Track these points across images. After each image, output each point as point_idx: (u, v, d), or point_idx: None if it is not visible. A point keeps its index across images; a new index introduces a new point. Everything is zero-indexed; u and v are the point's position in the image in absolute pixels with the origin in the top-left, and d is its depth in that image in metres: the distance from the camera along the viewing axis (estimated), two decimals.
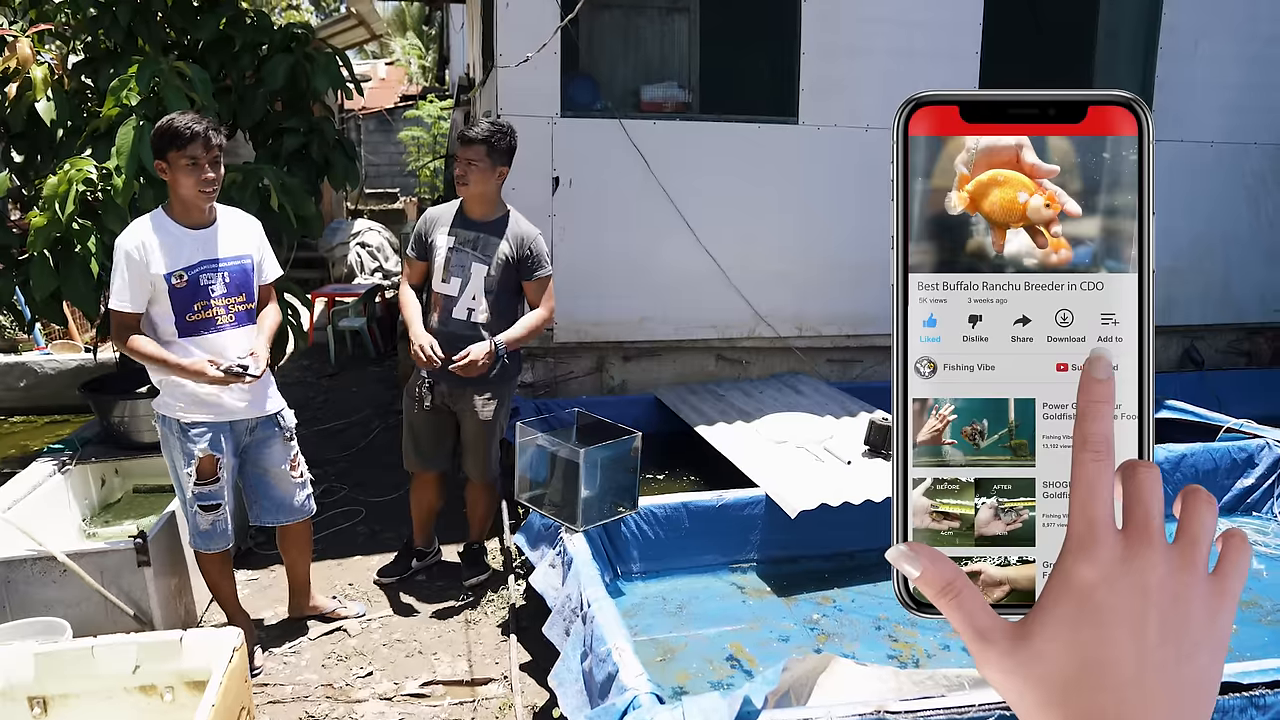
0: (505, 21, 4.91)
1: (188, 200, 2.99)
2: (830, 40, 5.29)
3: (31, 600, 3.14)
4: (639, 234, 5.20)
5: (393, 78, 20.19)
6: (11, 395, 6.07)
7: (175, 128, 2.90)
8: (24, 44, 4.09)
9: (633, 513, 3.57)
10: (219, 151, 2.99)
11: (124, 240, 2.97)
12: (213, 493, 3.12)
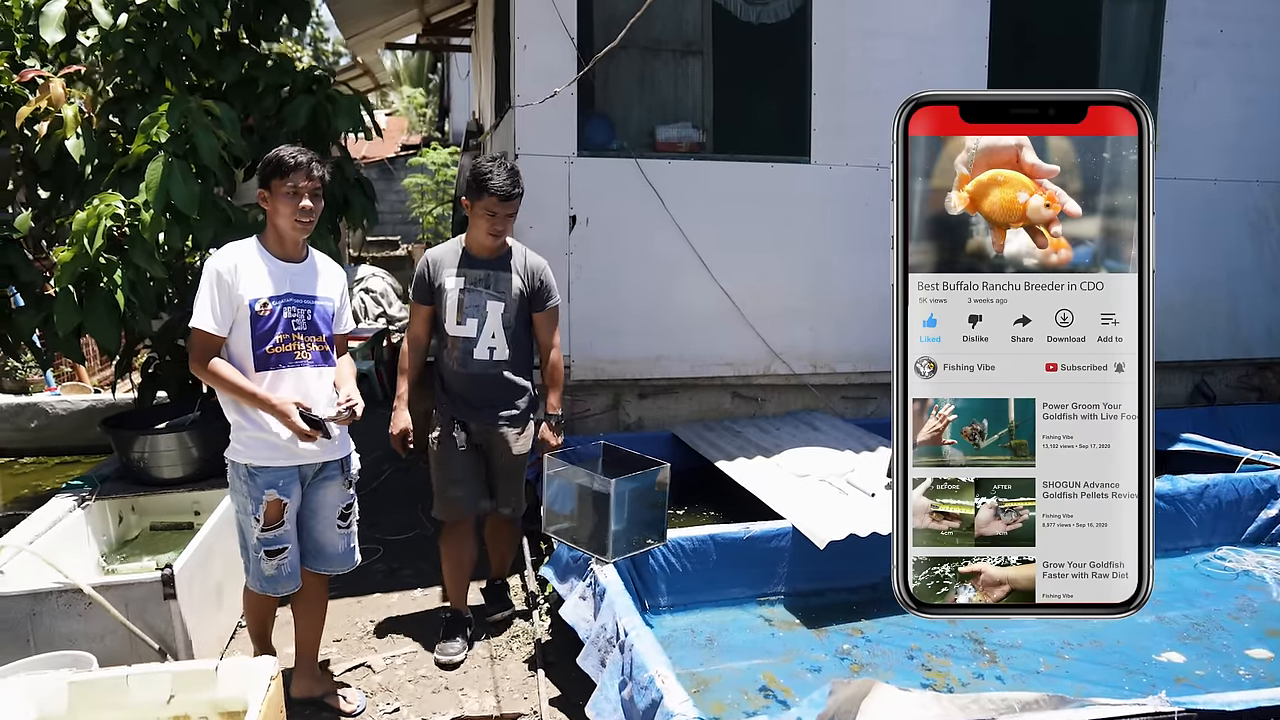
0: (523, 63, 4.99)
1: (283, 231, 2.94)
2: (840, 82, 5.39)
3: (56, 634, 3.09)
4: (655, 272, 5.23)
5: (393, 128, 20.46)
6: (22, 436, 6.03)
7: (280, 157, 2.89)
8: (56, 84, 4.14)
9: (661, 545, 3.55)
10: (320, 184, 2.95)
11: (216, 260, 2.90)
12: (278, 538, 2.99)
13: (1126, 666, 3.36)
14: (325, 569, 3.22)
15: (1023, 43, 5.77)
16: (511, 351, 3.56)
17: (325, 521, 3.16)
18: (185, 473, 4.18)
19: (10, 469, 5.97)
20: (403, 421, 3.55)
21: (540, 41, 4.98)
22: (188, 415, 4.24)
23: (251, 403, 2.89)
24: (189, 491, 4.16)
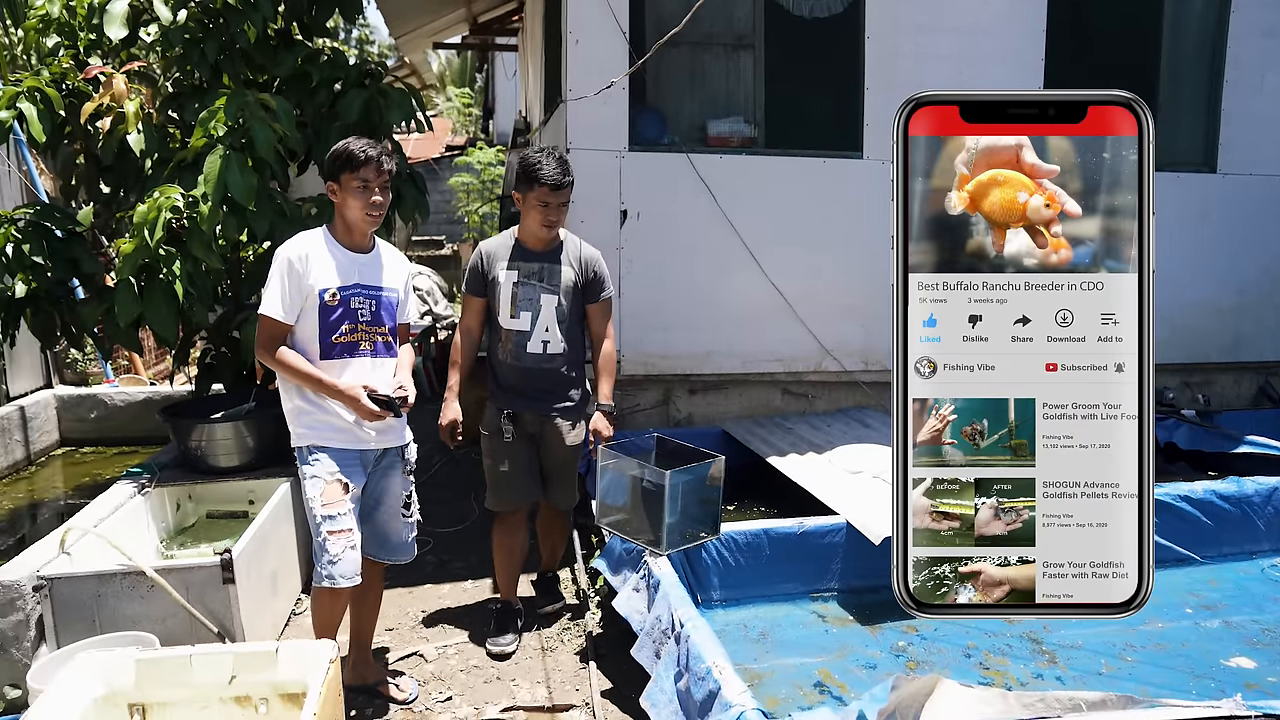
0: (575, 58, 4.99)
1: (353, 223, 2.95)
2: (893, 77, 5.32)
3: (120, 615, 3.15)
4: (705, 267, 5.20)
5: (438, 128, 20.63)
6: (83, 426, 6.16)
7: (350, 150, 2.89)
8: (119, 80, 4.22)
9: (715, 538, 3.52)
10: (389, 177, 2.95)
11: (287, 249, 2.90)
12: (343, 514, 2.92)
13: (1193, 670, 3.27)
14: (388, 558, 3.23)
15: (1080, 36, 5.66)
16: (565, 344, 3.55)
17: (390, 510, 3.17)
18: (240, 461, 4.23)
19: (71, 458, 6.09)
20: (453, 413, 3.55)
21: (592, 37, 4.98)
22: (243, 406, 4.29)
23: (319, 389, 2.90)
24: (244, 480, 4.21)
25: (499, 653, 3.58)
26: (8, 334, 4.36)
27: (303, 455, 2.96)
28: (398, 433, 3.12)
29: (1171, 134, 5.88)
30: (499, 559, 3.75)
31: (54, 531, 3.42)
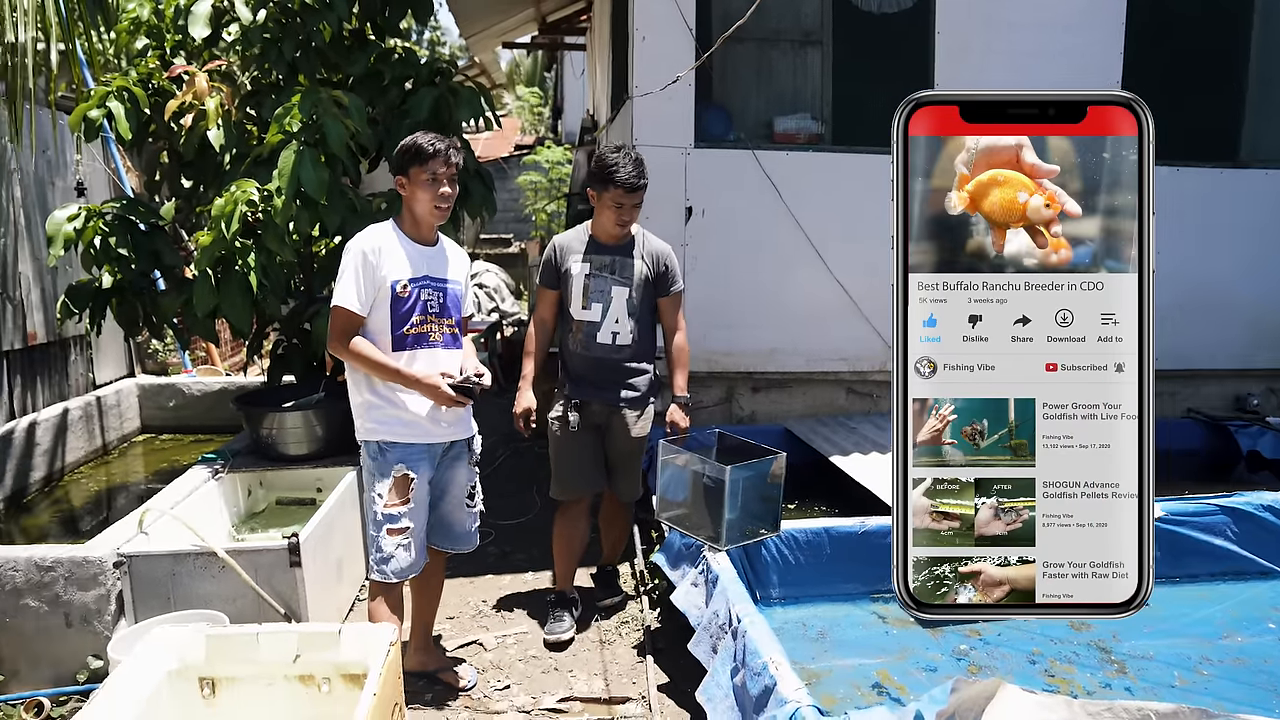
0: (641, 54, 5.00)
1: (421, 216, 2.99)
2: (964, 73, 5.21)
3: (193, 593, 3.25)
4: (770, 264, 5.17)
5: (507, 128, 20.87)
6: (162, 414, 6.37)
7: (419, 144, 2.92)
8: (201, 79, 4.36)
9: (775, 535, 3.49)
10: (456, 170, 2.99)
11: (360, 241, 2.94)
12: (400, 514, 2.95)
13: (1277, 689, 3.14)
14: (451, 547, 3.28)
15: (1163, 26, 5.46)
16: (634, 336, 3.60)
17: (455, 500, 3.21)
18: (309, 450, 4.34)
19: (151, 444, 6.31)
20: (527, 401, 3.59)
21: (659, 33, 4.98)
22: (313, 396, 4.40)
23: (395, 379, 2.93)
24: (312, 468, 4.31)
25: (554, 641, 3.62)
26: (94, 323, 4.54)
27: (370, 449, 3.01)
28: (465, 425, 3.17)
29: (1262, 125, 5.65)
30: (558, 547, 3.79)
31: (134, 512, 3.55)
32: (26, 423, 5.18)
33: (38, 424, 5.25)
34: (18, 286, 5.33)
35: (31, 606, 3.20)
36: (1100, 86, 5.20)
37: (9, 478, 4.96)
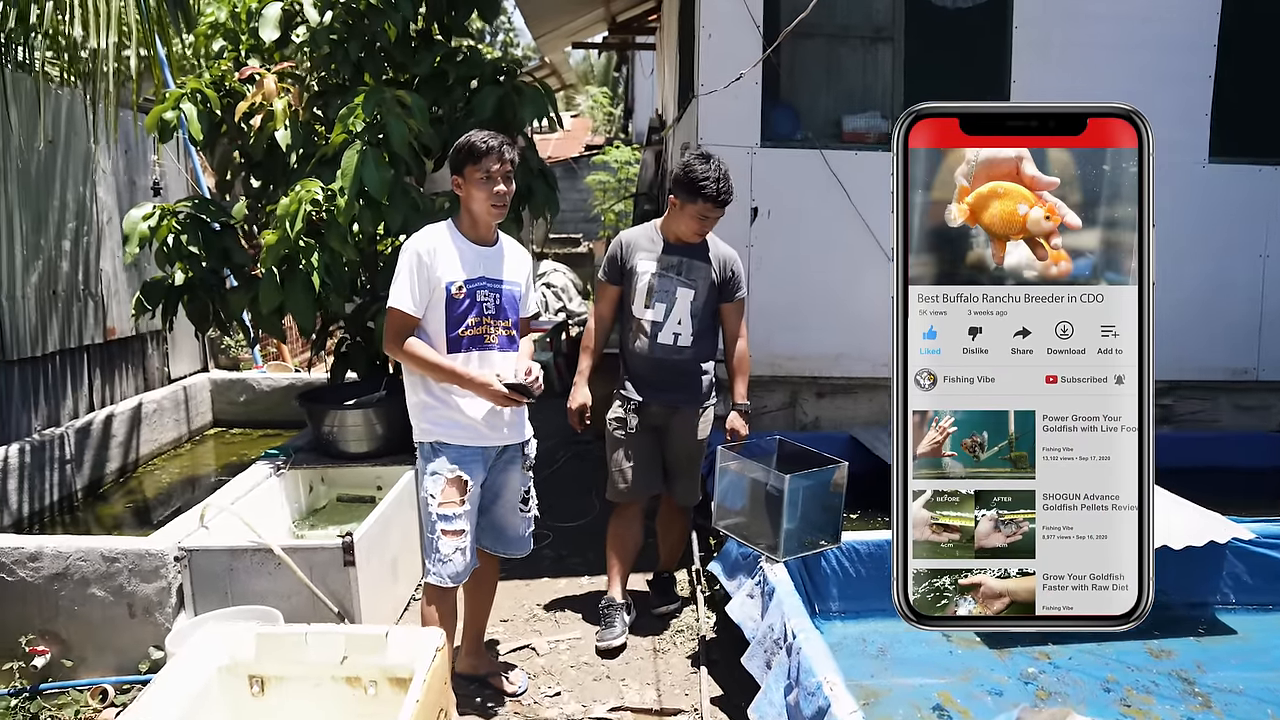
0: (707, 52, 4.93)
1: (478, 215, 2.96)
2: (1043, 68, 5.02)
3: (249, 589, 3.28)
4: (837, 267, 5.04)
5: (578, 128, 20.97)
6: (233, 409, 6.52)
7: (472, 142, 2.89)
8: (269, 80, 4.42)
9: (835, 546, 3.39)
10: (511, 167, 2.95)
11: (415, 242, 2.92)
12: (456, 515, 2.91)
13: None
14: (503, 551, 3.25)
15: (1260, 16, 5.17)
16: (695, 338, 3.56)
17: (508, 505, 3.17)
18: (370, 448, 4.36)
19: (222, 438, 6.46)
20: (582, 397, 3.57)
21: (725, 30, 4.90)
22: (374, 394, 4.42)
23: (449, 379, 2.91)
24: (373, 466, 4.34)
25: (606, 648, 3.57)
26: (167, 319, 4.63)
27: (425, 451, 2.99)
28: (519, 428, 3.13)
29: None
30: (612, 551, 3.76)
31: (195, 507, 3.61)
32: (104, 415, 5.34)
33: (114, 416, 5.40)
34: (99, 282, 5.49)
35: (98, 596, 3.27)
36: (1191, 78, 4.98)
37: (87, 468, 5.11)
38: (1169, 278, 5.13)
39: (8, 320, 4.69)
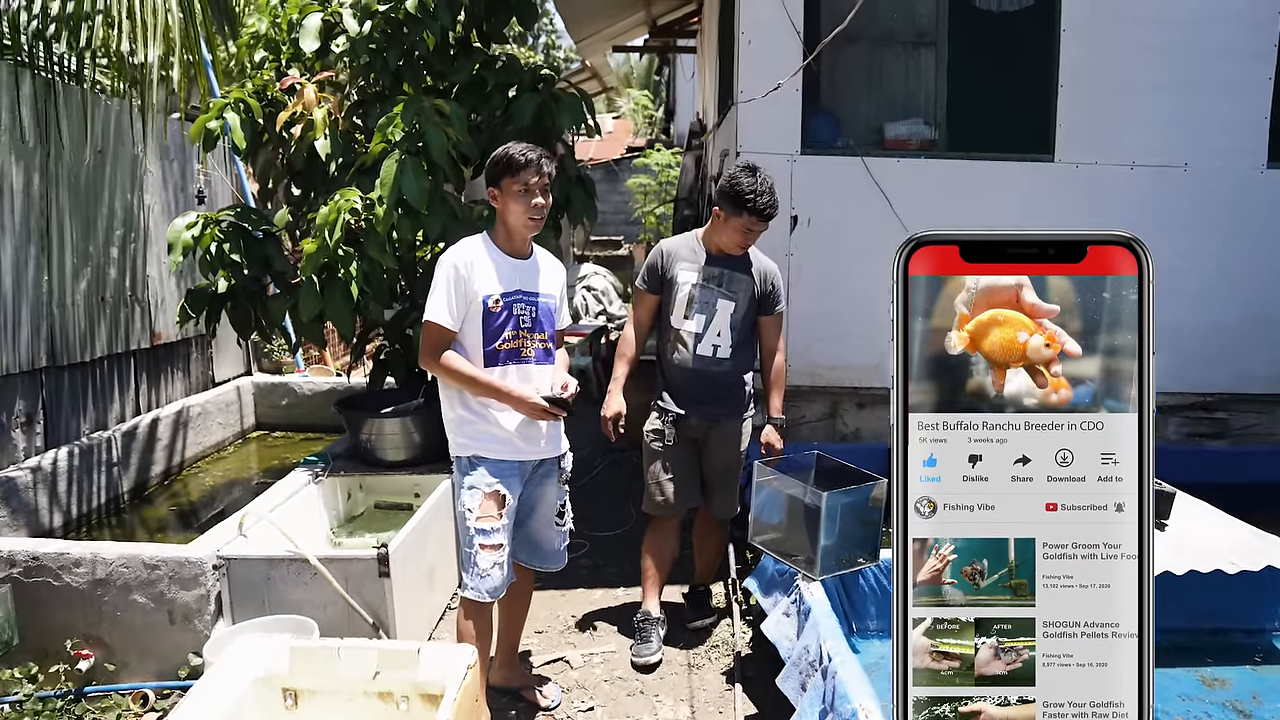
0: (747, 59, 4.88)
1: (514, 228, 2.94)
2: (1092, 72, 4.90)
3: (286, 598, 3.31)
4: (879, 275, 4.89)
5: (620, 131, 20.95)
6: (275, 412, 6.60)
7: (510, 155, 2.88)
8: (310, 89, 4.46)
9: (873, 564, 3.32)
10: (548, 180, 2.94)
11: (452, 255, 2.91)
12: (494, 529, 2.89)
13: None
14: (539, 565, 3.23)
15: None
16: (735, 350, 3.55)
17: (543, 518, 3.16)
18: (407, 456, 4.38)
19: (264, 441, 6.54)
20: (617, 405, 3.53)
21: (765, 36, 4.84)
22: (411, 402, 4.44)
23: (487, 393, 2.89)
24: (410, 474, 4.36)
25: (642, 664, 3.56)
26: (209, 326, 4.69)
27: (461, 465, 2.98)
28: (555, 442, 3.11)
29: None
30: (647, 564, 3.76)
31: (235, 514, 3.65)
32: (150, 418, 5.43)
33: (160, 420, 5.49)
34: (145, 288, 5.58)
35: (140, 602, 3.31)
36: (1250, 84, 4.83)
37: (133, 470, 5.21)
38: (1224, 286, 5.02)
39: (58, 327, 4.78)
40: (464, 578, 2.96)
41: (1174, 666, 3.20)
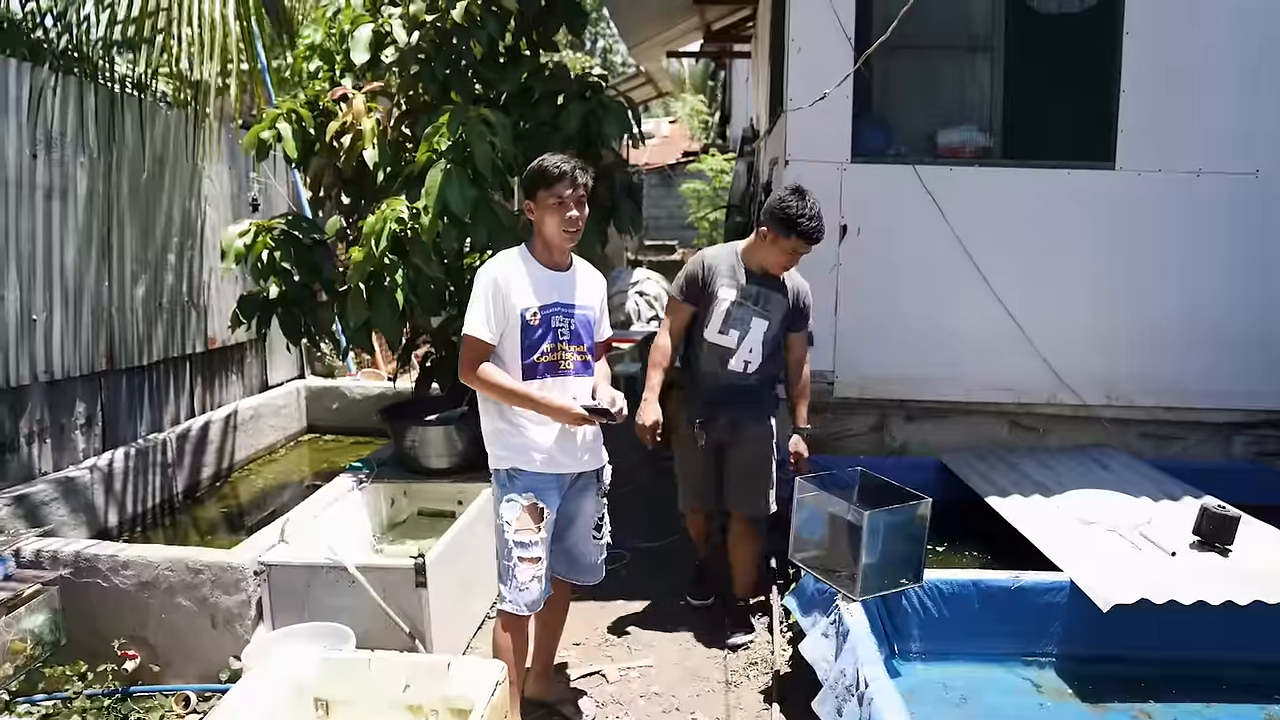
0: (796, 65, 4.81)
1: (551, 240, 2.92)
2: (1156, 76, 4.73)
3: (324, 605, 3.34)
4: (929, 287, 4.86)
5: (675, 135, 20.93)
6: (327, 415, 6.70)
7: (544, 167, 2.87)
8: (359, 100, 4.51)
9: (916, 586, 3.24)
10: (585, 191, 2.91)
11: (491, 268, 2.90)
12: (533, 541, 2.86)
13: None
14: (576, 579, 3.21)
15: None
16: (763, 363, 3.67)
17: (581, 531, 3.14)
18: (450, 464, 4.40)
19: (315, 444, 6.64)
20: (654, 414, 3.58)
21: (815, 43, 4.77)
22: (455, 410, 4.46)
23: (526, 404, 2.88)
24: (454, 482, 4.37)
25: (696, 605, 4.07)
26: (260, 331, 4.77)
27: (500, 477, 2.98)
28: (594, 455, 3.09)
29: None
30: (692, 534, 4.13)
31: (278, 520, 3.69)
32: (203, 421, 5.54)
33: (212, 422, 5.60)
34: (201, 294, 5.70)
35: (184, 605, 3.37)
36: None
37: (186, 471, 5.32)
38: None
39: (117, 331, 4.90)
40: (502, 590, 2.95)
41: (1240, 703, 3.06)
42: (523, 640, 2.99)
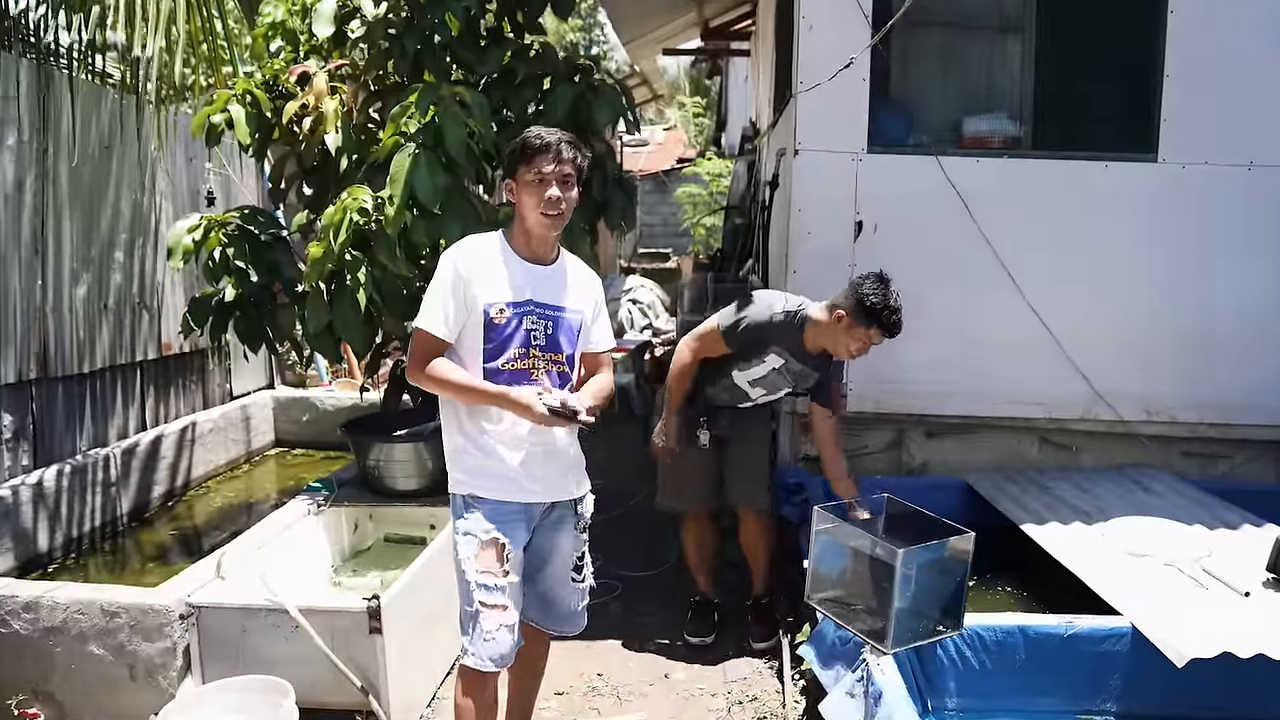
0: (808, 45, 4.37)
1: (530, 226, 2.46)
2: (1203, 59, 4.30)
3: (261, 655, 2.87)
4: (952, 289, 4.40)
5: (670, 142, 20.54)
6: (296, 428, 6.22)
7: (524, 139, 2.44)
8: (320, 79, 4.06)
9: (956, 634, 2.77)
10: (572, 170, 2.45)
11: (453, 253, 2.48)
12: (499, 586, 2.40)
13: None
14: (551, 628, 2.71)
15: None
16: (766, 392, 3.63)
17: (556, 573, 2.63)
18: (420, 485, 3.93)
19: (283, 459, 6.15)
20: (673, 440, 3.60)
21: (828, 21, 4.33)
22: (426, 425, 3.99)
23: (483, 399, 2.40)
24: (424, 505, 3.90)
25: (696, 643, 3.71)
26: (215, 337, 4.30)
27: (457, 505, 2.49)
28: (572, 482, 2.61)
29: None
30: (689, 553, 3.89)
31: (213, 554, 3.21)
32: (153, 435, 5.05)
33: (164, 437, 5.12)
34: (154, 295, 5.23)
35: (97, 654, 2.90)
36: None
37: (133, 491, 4.83)
38: None
39: (53, 335, 4.42)
40: (464, 642, 2.46)
41: None
42: (489, 703, 2.49)
